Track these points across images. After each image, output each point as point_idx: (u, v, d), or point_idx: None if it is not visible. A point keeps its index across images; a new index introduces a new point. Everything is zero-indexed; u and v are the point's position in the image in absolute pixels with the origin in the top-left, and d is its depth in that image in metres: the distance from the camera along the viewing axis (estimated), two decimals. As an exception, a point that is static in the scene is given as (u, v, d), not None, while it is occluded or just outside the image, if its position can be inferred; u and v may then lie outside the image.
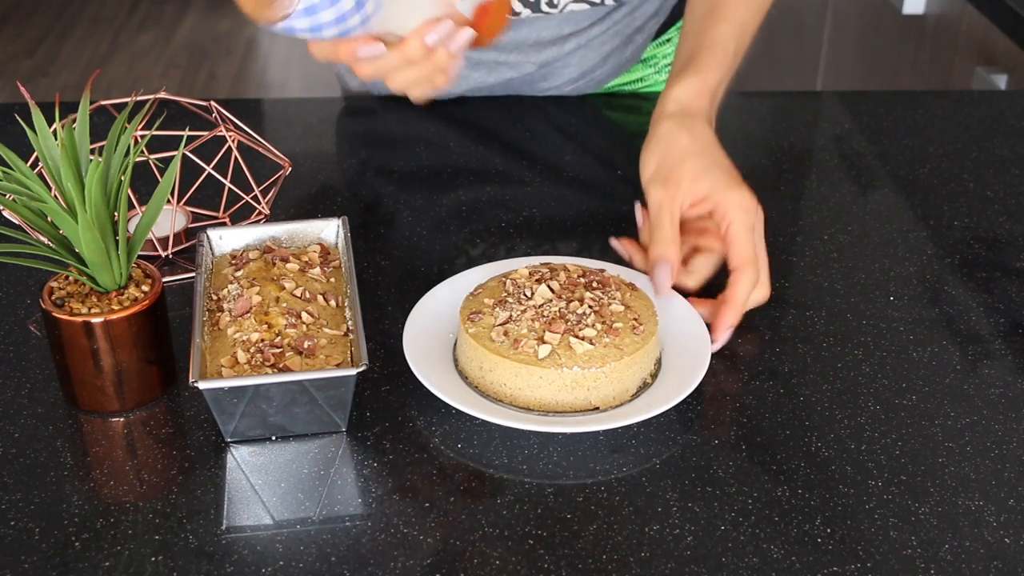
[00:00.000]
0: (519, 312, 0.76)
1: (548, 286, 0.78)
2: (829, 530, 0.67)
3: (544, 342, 0.74)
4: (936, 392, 0.78)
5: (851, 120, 1.15)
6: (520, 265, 0.83)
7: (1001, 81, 1.52)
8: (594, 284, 0.79)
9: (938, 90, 1.69)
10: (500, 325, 0.76)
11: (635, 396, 0.76)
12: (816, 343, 0.83)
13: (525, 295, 0.78)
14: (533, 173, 1.04)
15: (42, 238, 0.77)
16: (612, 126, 1.16)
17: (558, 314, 0.76)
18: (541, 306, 0.77)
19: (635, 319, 0.76)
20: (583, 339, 0.74)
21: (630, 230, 0.96)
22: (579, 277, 0.80)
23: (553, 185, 1.03)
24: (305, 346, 0.73)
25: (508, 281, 0.79)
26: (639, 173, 0.87)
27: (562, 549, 0.65)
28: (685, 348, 0.79)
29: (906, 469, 0.71)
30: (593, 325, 0.75)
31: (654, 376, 0.77)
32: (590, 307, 0.76)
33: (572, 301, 0.77)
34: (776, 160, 1.08)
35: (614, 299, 0.77)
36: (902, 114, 1.17)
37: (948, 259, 0.93)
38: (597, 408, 0.74)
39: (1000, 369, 0.80)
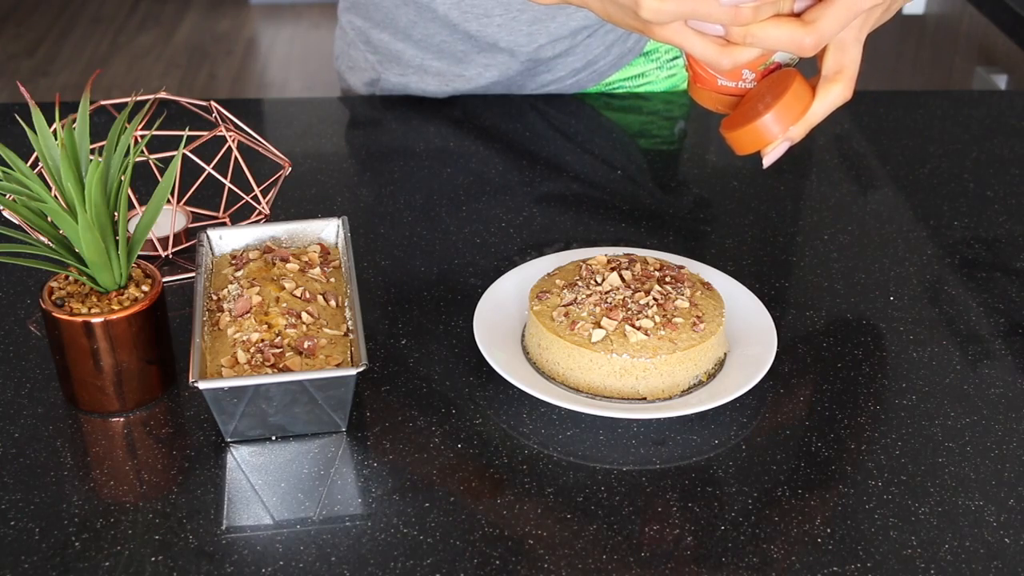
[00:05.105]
0: (584, 296, 0.77)
1: (620, 275, 0.79)
2: (829, 530, 0.67)
3: (600, 327, 0.75)
4: (936, 392, 0.78)
5: (851, 120, 1.15)
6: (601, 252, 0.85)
7: (1001, 81, 1.52)
8: (667, 279, 0.79)
9: (938, 90, 1.69)
10: (563, 306, 0.77)
11: (685, 392, 0.76)
12: (816, 343, 0.83)
13: (596, 281, 0.79)
14: (533, 173, 1.04)
15: (42, 238, 0.77)
16: (612, 126, 1.16)
17: (621, 302, 0.77)
18: (607, 293, 0.77)
19: (697, 317, 0.76)
20: (638, 329, 0.75)
21: (631, 230, 0.96)
22: (655, 270, 0.80)
23: (553, 185, 1.03)
24: (305, 346, 0.73)
25: (584, 266, 0.81)
26: None
27: (562, 549, 0.65)
28: (747, 357, 0.78)
29: (906, 469, 0.71)
30: (652, 317, 0.75)
31: (711, 376, 0.78)
32: (654, 299, 0.77)
33: (639, 292, 0.78)
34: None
35: (682, 295, 0.78)
36: (902, 114, 1.17)
37: (948, 259, 0.93)
38: (644, 398, 0.75)
39: (1000, 369, 0.80)
